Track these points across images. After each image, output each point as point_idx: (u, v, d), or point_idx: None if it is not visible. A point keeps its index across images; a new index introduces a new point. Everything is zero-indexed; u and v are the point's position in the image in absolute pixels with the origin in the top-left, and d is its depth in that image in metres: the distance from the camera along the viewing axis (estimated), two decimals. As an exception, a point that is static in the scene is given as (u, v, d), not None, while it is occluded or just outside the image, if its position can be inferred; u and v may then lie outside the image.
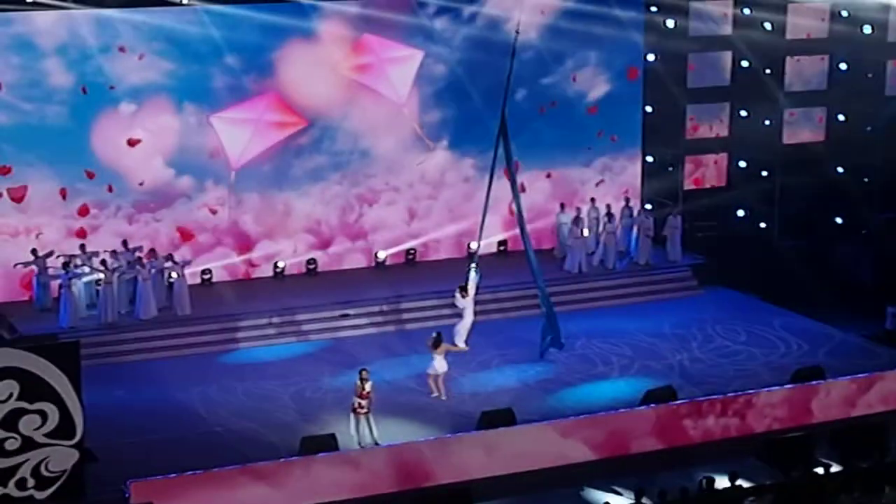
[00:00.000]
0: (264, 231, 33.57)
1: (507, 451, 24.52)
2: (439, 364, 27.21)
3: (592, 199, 35.27)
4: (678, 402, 26.12)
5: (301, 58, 32.84)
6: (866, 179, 36.42)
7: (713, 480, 22.50)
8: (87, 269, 30.61)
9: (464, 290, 28.61)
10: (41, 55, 30.86)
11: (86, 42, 31.02)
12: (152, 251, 31.48)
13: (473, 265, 28.96)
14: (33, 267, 30.72)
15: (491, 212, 31.47)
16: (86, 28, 30.94)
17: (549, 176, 35.77)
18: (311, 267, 33.75)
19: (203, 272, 32.80)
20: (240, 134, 32.75)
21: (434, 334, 27.50)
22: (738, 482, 22.59)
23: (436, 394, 27.33)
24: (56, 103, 31.10)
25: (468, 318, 28.54)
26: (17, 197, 31.27)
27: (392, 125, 34.09)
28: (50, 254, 30.86)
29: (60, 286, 30.10)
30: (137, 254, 31.30)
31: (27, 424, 21.94)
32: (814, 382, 27.03)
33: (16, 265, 30.60)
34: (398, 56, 33.86)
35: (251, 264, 33.55)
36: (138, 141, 31.96)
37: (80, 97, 31.23)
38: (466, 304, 28.60)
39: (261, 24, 32.21)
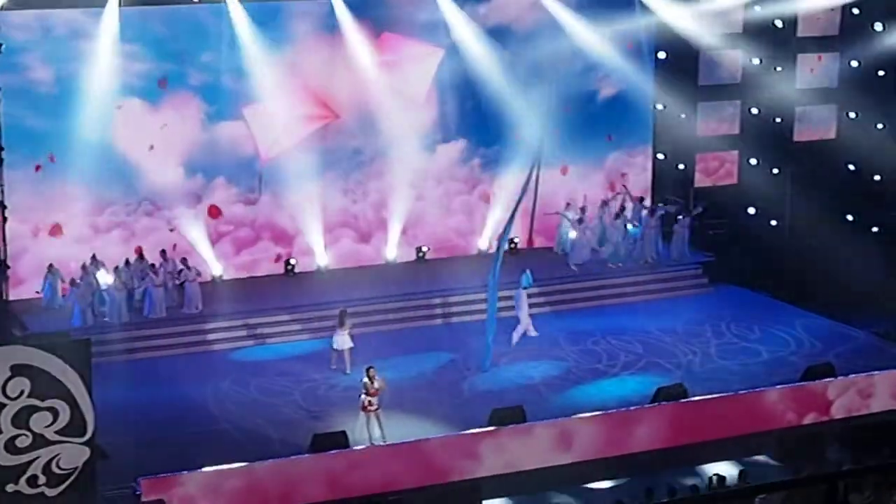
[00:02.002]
0: (301, 226, 33.59)
1: (517, 448, 24.52)
2: (342, 340, 28.21)
3: (604, 202, 35.18)
4: (689, 399, 26.10)
5: (325, 54, 32.92)
6: (878, 177, 36.32)
7: (723, 478, 22.49)
8: (98, 284, 30.66)
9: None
10: (57, 55, 30.96)
11: (108, 40, 30.99)
12: (163, 253, 31.49)
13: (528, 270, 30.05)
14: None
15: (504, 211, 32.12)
16: (107, 27, 30.93)
17: (564, 172, 35.79)
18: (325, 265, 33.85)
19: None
20: (271, 126, 32.80)
21: (339, 311, 28.55)
22: (749, 480, 22.57)
23: (335, 367, 28.27)
24: (75, 105, 31.03)
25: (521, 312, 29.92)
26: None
27: (411, 123, 34.10)
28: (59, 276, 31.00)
29: (73, 285, 30.33)
30: (151, 263, 31.33)
31: (38, 422, 21.96)
32: (825, 380, 27.00)
33: (37, 292, 30.82)
34: (417, 54, 33.88)
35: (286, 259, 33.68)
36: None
37: (99, 97, 31.13)
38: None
39: (285, 19, 32.48)
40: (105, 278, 30.55)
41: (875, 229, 36.23)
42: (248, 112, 32.65)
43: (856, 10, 35.71)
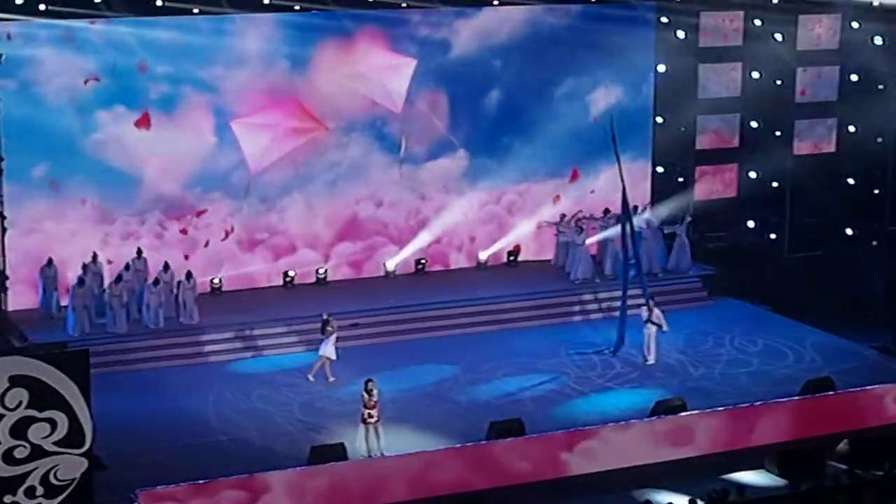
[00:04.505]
0: (297, 237, 33.63)
1: (515, 461, 24.49)
2: (329, 349, 28.36)
3: (606, 210, 35.19)
4: (688, 413, 26.07)
5: (308, 66, 32.97)
6: (877, 191, 36.35)
7: (724, 491, 22.45)
8: (98, 288, 30.76)
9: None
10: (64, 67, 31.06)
11: (110, 52, 31.18)
12: (165, 265, 31.47)
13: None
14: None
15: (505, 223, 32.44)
16: (111, 38, 31.08)
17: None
18: (322, 276, 33.82)
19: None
20: (260, 139, 32.78)
21: (323, 317, 28.66)
22: (748, 493, 22.55)
23: (332, 378, 28.39)
24: (81, 114, 31.15)
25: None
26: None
27: (390, 135, 34.04)
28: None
29: (70, 293, 30.31)
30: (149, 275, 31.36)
31: (36, 433, 21.93)
32: (824, 394, 26.98)
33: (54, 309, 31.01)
34: (391, 65, 33.81)
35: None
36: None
37: (107, 107, 31.31)
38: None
39: (272, 33, 32.54)
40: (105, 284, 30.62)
41: (875, 243, 36.25)
42: (236, 126, 32.63)
43: (855, 24, 35.79)
